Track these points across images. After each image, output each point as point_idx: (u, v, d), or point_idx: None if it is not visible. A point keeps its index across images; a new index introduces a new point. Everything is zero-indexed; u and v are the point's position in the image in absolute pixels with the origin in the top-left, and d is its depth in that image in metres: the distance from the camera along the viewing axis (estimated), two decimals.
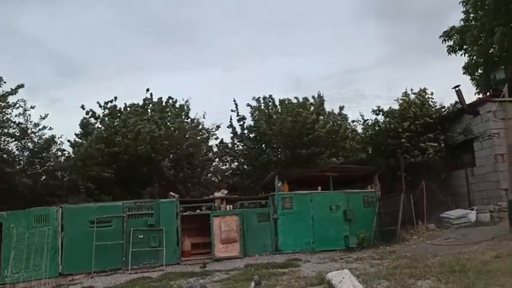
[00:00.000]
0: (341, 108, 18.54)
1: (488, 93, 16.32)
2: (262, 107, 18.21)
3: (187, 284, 8.25)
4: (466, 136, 14.28)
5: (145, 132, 14.81)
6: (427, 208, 12.45)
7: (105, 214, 11.41)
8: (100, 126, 16.15)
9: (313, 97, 18.27)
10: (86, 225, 11.14)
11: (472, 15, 17.55)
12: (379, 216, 12.93)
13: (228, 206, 12.85)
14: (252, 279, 8.20)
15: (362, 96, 45.56)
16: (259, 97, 18.42)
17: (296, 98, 18.08)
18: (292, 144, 16.24)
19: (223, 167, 18.63)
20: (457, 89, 13.95)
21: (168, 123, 16.39)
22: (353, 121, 18.43)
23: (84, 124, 16.24)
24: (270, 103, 18.40)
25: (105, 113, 16.87)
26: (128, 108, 16.99)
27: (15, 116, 14.22)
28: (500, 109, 13.31)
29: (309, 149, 15.82)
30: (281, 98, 18.35)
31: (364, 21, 50.11)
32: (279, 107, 18.07)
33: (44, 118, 14.93)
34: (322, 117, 17.22)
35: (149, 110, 17.52)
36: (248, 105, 18.31)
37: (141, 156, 14.65)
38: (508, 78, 13.91)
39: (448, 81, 34.93)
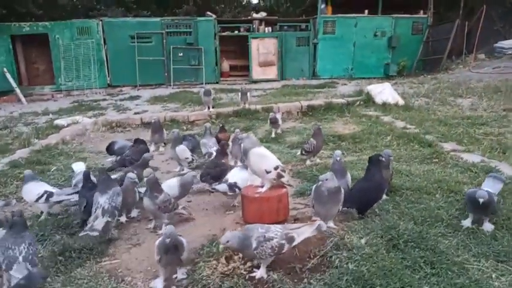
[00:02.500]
0: None
1: None
2: None
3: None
4: None
5: None
6: (482, 38, 11.50)
7: (144, 30, 11.40)
8: None
9: None
10: (127, 39, 11.29)
11: None
12: (426, 44, 12.21)
13: (266, 28, 12.40)
14: (288, 94, 8.47)
15: None
16: None
17: None
18: None
19: None
20: None
21: None
22: None
23: None
24: None
25: None
26: None
27: None
28: None
29: None
30: None
31: None
32: None
33: None
34: None
35: None
36: None
37: None
38: None
39: None
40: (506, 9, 12.94)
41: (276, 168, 2.50)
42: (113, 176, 3.21)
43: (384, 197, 2.99)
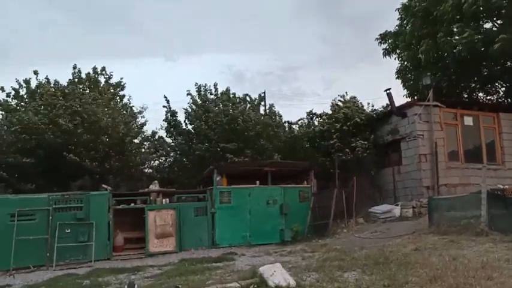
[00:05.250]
0: (271, 105, 19.29)
1: (415, 97, 17.61)
2: (199, 102, 18.04)
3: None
4: (394, 136, 15.25)
5: (59, 126, 14.07)
6: (357, 203, 13.14)
7: (27, 207, 10.59)
8: (20, 112, 15.05)
9: (248, 97, 18.67)
10: (5, 218, 10.28)
11: (405, 21, 18.63)
12: (313, 210, 13.40)
13: (164, 200, 12.55)
14: (184, 273, 8.15)
15: (303, 94, 46.82)
16: (200, 85, 18.34)
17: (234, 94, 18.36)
18: (226, 139, 16.33)
19: (159, 161, 18.28)
20: (387, 91, 14.84)
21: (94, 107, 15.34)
22: (288, 122, 19.13)
23: (4, 107, 15.04)
24: (211, 94, 18.37)
25: (26, 94, 15.82)
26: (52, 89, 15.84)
27: None
28: (425, 112, 14.38)
29: (241, 144, 16.06)
30: (222, 90, 18.50)
31: (303, 21, 51.52)
32: (214, 99, 18.13)
33: None
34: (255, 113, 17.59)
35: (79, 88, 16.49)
36: (188, 93, 18.10)
37: (59, 148, 13.89)
38: (433, 84, 15.04)
39: (382, 83, 37.33)
40: (371, 177, 15.41)
41: None
42: None
43: None
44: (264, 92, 19.23)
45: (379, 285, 6.26)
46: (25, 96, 16.27)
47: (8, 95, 15.60)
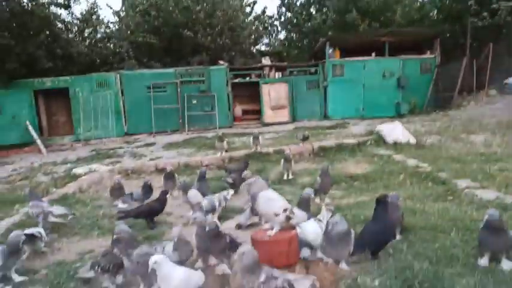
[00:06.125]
0: None
1: None
2: None
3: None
4: None
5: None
6: (491, 74, 11.58)
7: (159, 80, 11.89)
8: None
9: None
10: (143, 90, 11.78)
11: None
12: (436, 82, 12.32)
13: (277, 74, 12.81)
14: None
15: None
16: None
17: None
18: (346, 8, 15.03)
19: (269, 38, 18.20)
20: None
21: None
22: None
23: None
24: None
25: None
26: None
27: None
28: None
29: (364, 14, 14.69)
30: None
31: None
32: None
33: None
34: None
35: None
36: None
37: (181, 25, 14.61)
38: None
39: None
40: None
41: (284, 210, 2.52)
42: None
43: (398, 237, 2.95)
44: None
45: None
46: None
47: None
